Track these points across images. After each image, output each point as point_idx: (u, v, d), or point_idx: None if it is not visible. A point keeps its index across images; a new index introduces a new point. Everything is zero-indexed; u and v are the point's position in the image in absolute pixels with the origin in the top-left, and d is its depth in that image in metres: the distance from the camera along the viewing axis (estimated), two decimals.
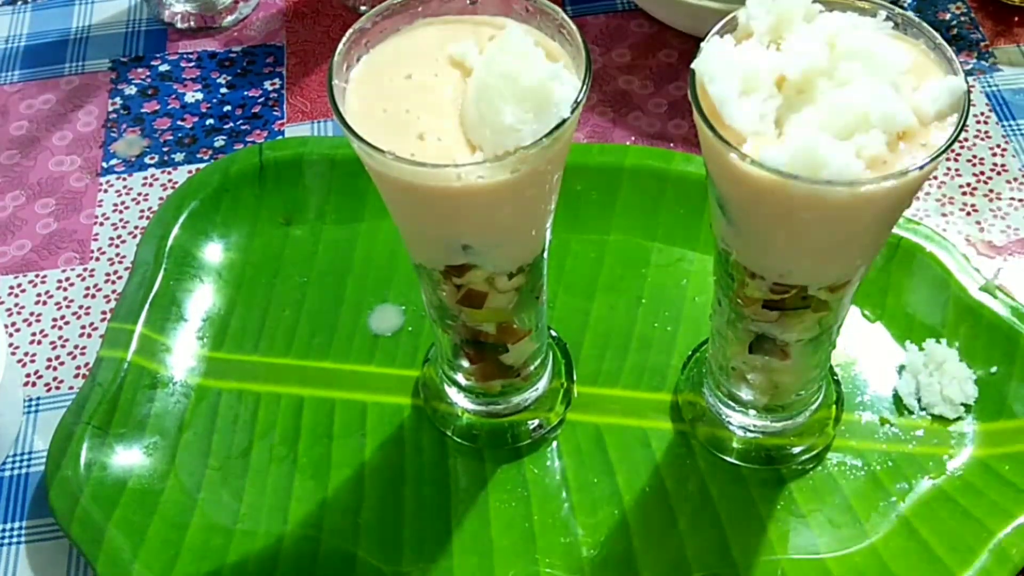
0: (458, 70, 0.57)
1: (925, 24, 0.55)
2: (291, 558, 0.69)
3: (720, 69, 0.53)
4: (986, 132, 0.88)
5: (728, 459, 0.72)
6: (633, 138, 0.90)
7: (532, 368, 0.72)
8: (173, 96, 0.95)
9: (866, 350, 0.76)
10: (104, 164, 0.91)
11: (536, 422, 0.74)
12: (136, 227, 0.86)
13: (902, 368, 0.74)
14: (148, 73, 0.97)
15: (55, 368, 0.79)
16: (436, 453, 0.73)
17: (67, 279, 0.84)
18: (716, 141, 0.52)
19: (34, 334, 0.81)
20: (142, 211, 0.88)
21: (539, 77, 0.54)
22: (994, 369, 0.73)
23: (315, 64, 0.97)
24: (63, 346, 0.80)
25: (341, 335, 0.79)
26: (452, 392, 0.74)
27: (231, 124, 0.93)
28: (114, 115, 0.94)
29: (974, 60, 0.93)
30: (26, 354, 0.80)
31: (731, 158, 0.52)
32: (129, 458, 0.72)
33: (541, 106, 0.54)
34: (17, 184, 0.90)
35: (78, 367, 0.79)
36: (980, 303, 0.74)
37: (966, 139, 0.88)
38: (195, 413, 0.75)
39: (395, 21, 0.59)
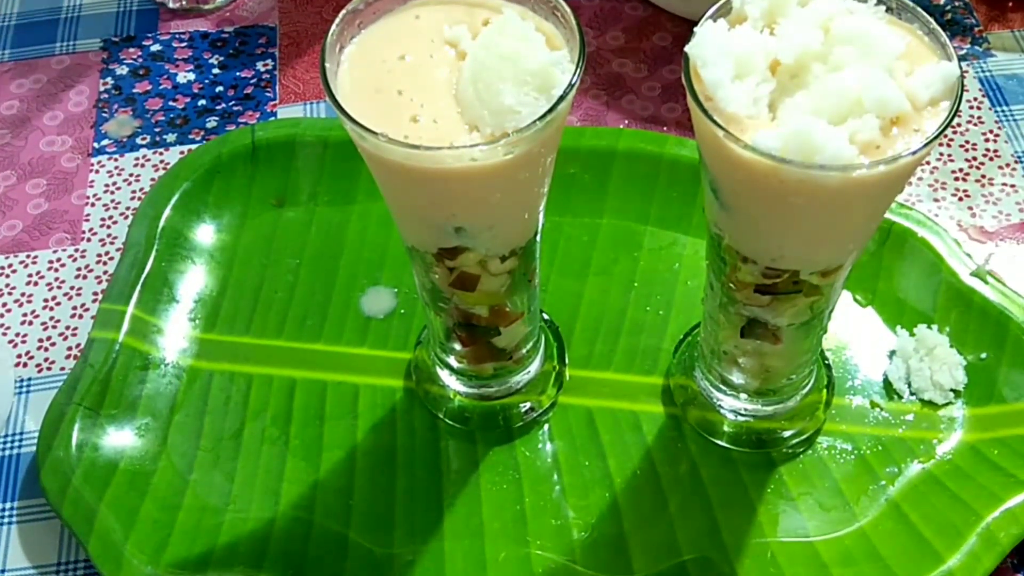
0: (453, 52, 0.57)
1: (919, 9, 0.55)
2: (282, 539, 0.69)
3: (713, 53, 0.53)
4: (979, 118, 0.88)
5: (719, 442, 0.72)
6: (626, 121, 0.90)
7: (524, 351, 0.72)
8: (165, 76, 0.95)
9: (857, 335, 0.76)
10: (95, 144, 0.91)
11: (528, 405, 0.74)
12: (128, 208, 0.86)
13: (893, 353, 0.75)
14: (140, 53, 0.97)
15: (46, 349, 0.79)
16: (428, 435, 0.73)
17: (58, 260, 0.84)
18: (709, 125, 0.52)
19: (25, 315, 0.81)
20: (134, 192, 0.87)
21: (540, 61, 0.54)
22: (984, 355, 0.73)
23: (308, 45, 0.97)
24: (54, 327, 0.80)
25: (333, 317, 0.78)
26: (444, 375, 0.74)
27: (223, 105, 0.93)
28: (105, 95, 0.94)
29: (968, 45, 0.93)
30: (17, 335, 0.80)
31: (724, 142, 0.52)
32: (121, 439, 0.72)
33: (541, 89, 0.54)
34: (8, 164, 0.90)
35: (69, 348, 0.79)
36: (971, 288, 0.74)
37: (959, 124, 0.88)
38: (187, 394, 0.75)
39: (389, 2, 0.59)
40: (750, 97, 0.52)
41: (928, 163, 0.85)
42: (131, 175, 0.88)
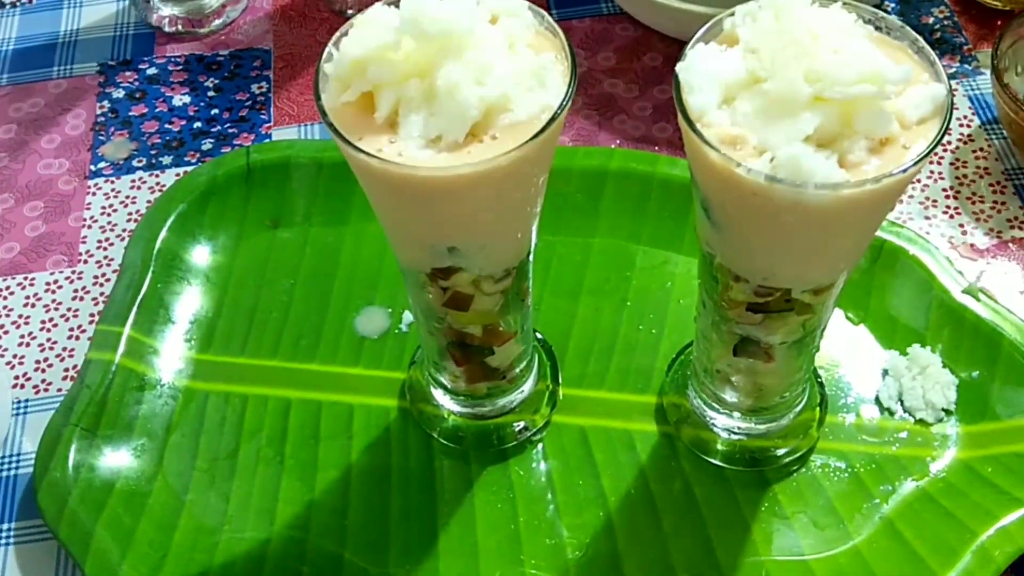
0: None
1: (908, 28, 0.56)
2: (278, 559, 0.69)
3: (700, 79, 0.53)
4: (969, 136, 0.89)
5: (712, 461, 0.72)
6: (618, 141, 0.90)
7: (518, 370, 0.72)
8: (161, 99, 0.96)
9: (850, 353, 0.76)
10: (92, 167, 0.91)
11: (522, 424, 0.74)
12: (124, 230, 0.87)
13: (885, 372, 0.75)
14: (136, 76, 0.98)
15: (43, 370, 0.79)
16: (422, 455, 0.73)
17: (55, 282, 0.84)
18: (700, 144, 0.52)
19: (22, 336, 0.81)
20: (130, 214, 0.88)
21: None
22: (976, 373, 0.73)
23: (302, 67, 0.97)
24: (51, 348, 0.80)
25: (328, 337, 0.79)
26: (438, 394, 0.74)
27: (218, 127, 0.93)
28: (102, 118, 0.95)
29: (957, 64, 0.94)
30: (15, 356, 0.80)
31: (715, 161, 0.52)
32: (117, 460, 0.72)
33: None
34: (5, 187, 0.90)
35: (66, 369, 0.79)
36: (963, 306, 0.75)
37: (949, 142, 0.88)
38: (183, 415, 0.75)
39: None
40: (738, 120, 0.52)
41: (919, 181, 0.86)
42: (127, 197, 0.89)
